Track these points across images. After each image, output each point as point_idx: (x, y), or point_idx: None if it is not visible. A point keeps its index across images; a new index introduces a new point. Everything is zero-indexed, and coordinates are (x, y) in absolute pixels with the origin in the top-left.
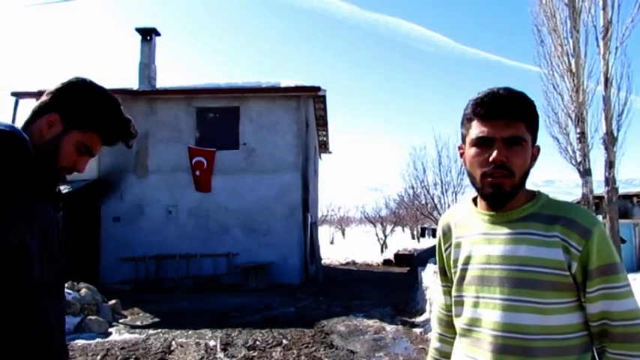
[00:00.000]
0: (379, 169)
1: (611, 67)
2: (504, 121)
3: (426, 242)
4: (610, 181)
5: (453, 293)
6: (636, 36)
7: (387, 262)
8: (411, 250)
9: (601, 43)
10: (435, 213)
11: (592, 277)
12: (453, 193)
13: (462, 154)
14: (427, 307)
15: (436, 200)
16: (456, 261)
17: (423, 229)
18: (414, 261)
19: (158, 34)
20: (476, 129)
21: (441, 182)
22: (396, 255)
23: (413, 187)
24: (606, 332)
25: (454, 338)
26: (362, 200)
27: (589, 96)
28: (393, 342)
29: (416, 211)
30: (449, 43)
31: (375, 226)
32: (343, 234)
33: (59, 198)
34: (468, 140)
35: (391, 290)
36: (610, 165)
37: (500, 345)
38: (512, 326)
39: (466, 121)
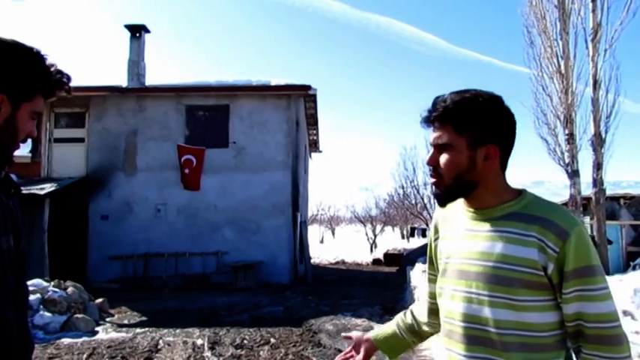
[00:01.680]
0: (370, 169)
1: (600, 70)
2: (433, 128)
3: (416, 242)
4: (598, 183)
5: (437, 285)
6: (625, 39)
7: (376, 261)
8: (401, 250)
9: (590, 46)
10: (425, 213)
11: (568, 278)
12: None
13: None
14: None
15: (426, 200)
16: (441, 253)
17: (413, 229)
18: (403, 261)
19: (147, 31)
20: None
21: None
22: (386, 254)
23: (403, 187)
24: (581, 333)
25: (437, 325)
26: (352, 200)
27: (578, 98)
28: None
29: (406, 210)
30: (441, 44)
31: (365, 225)
32: (333, 233)
33: (10, 184)
34: None
35: (380, 289)
36: (598, 166)
37: (471, 336)
38: (486, 320)
39: None
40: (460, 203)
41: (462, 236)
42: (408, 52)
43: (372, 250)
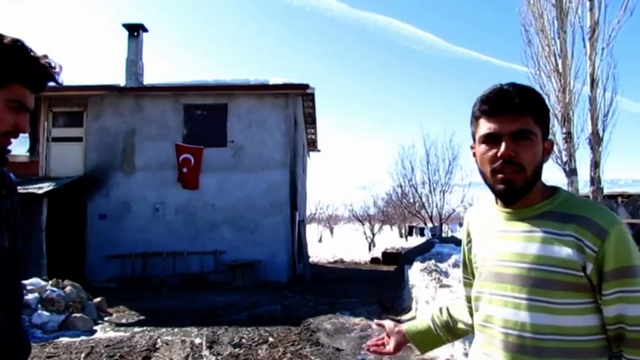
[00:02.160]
0: (368, 168)
1: (598, 68)
2: (510, 116)
3: (414, 241)
4: (595, 181)
5: (473, 289)
6: (622, 37)
7: (374, 260)
8: (399, 249)
9: (587, 44)
10: (423, 211)
11: (608, 279)
12: (440, 191)
13: (474, 154)
14: (413, 305)
15: (424, 199)
16: (476, 256)
17: (411, 228)
18: (401, 259)
19: (145, 30)
20: (483, 126)
21: (429, 181)
22: (384, 253)
23: (401, 186)
24: (622, 337)
25: (457, 322)
26: (351, 199)
27: (575, 96)
28: None
29: (404, 209)
30: (439, 43)
31: (363, 224)
32: (332, 232)
33: (2, 184)
34: (477, 138)
35: (378, 288)
36: (595, 165)
37: (511, 343)
38: (523, 325)
39: (474, 120)
40: (490, 203)
41: (496, 237)
42: (406, 51)
43: (370, 249)
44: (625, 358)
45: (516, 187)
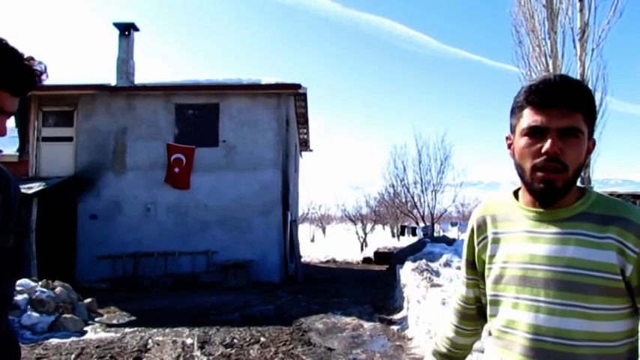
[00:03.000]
0: (361, 168)
1: (588, 69)
2: (560, 111)
3: (406, 240)
4: (585, 181)
5: (489, 292)
6: (612, 38)
7: (366, 260)
8: (391, 249)
9: (578, 45)
10: (415, 211)
11: None
12: (432, 191)
13: (509, 145)
14: (405, 304)
15: (416, 199)
16: (492, 257)
17: (403, 227)
18: (393, 259)
19: (137, 30)
20: (528, 117)
21: (421, 181)
22: (376, 253)
23: (393, 186)
24: None
25: (470, 331)
26: (343, 198)
27: None
28: (371, 339)
29: (396, 209)
30: (431, 43)
31: (355, 224)
32: (324, 232)
33: None
34: (518, 130)
35: (370, 288)
36: (586, 165)
37: (541, 350)
38: (556, 331)
39: (517, 110)
40: (510, 200)
41: (521, 238)
42: (399, 51)
43: (362, 249)
44: None
45: (556, 188)
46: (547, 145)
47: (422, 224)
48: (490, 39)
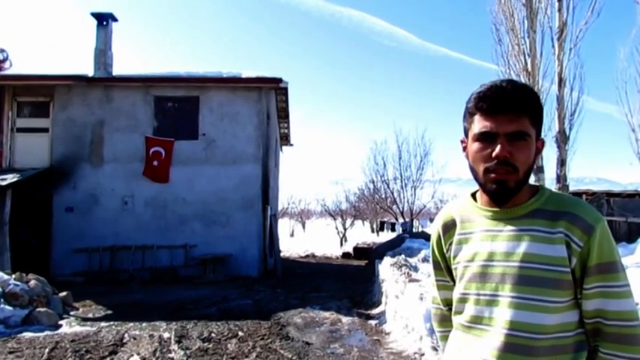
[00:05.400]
0: (340, 163)
1: (565, 68)
2: (507, 116)
3: (385, 236)
4: (562, 179)
5: (456, 290)
6: (589, 38)
7: (346, 255)
8: (370, 244)
9: (556, 44)
10: (394, 207)
11: (590, 273)
12: (412, 187)
13: (464, 148)
14: (383, 299)
15: (395, 194)
16: (458, 257)
17: (382, 223)
18: (372, 254)
19: (115, 20)
20: (479, 123)
21: (401, 177)
22: (355, 248)
23: (373, 181)
24: (600, 331)
25: None
26: (323, 193)
27: (544, 95)
28: (349, 333)
29: (376, 204)
30: (412, 39)
31: (335, 219)
32: (304, 227)
33: None
34: (470, 135)
35: (349, 283)
36: (562, 163)
37: (502, 343)
38: (515, 324)
39: (468, 115)
40: (469, 203)
41: (480, 237)
42: (380, 47)
43: (342, 244)
44: (601, 352)
45: (508, 188)
46: (497, 150)
47: (401, 220)
48: (471, 37)
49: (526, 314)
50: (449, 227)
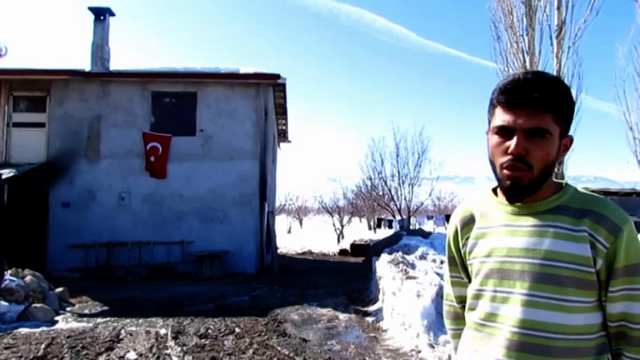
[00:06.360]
0: (338, 160)
1: (564, 66)
2: (528, 111)
3: (382, 233)
4: (559, 177)
5: (472, 286)
6: (588, 37)
7: (343, 252)
8: (367, 241)
9: (555, 42)
10: (392, 204)
11: (617, 275)
12: (409, 185)
13: (488, 139)
14: (380, 296)
15: (393, 192)
16: (475, 253)
17: (380, 220)
18: (369, 251)
19: (112, 14)
20: (498, 117)
21: (399, 174)
22: (352, 245)
23: (371, 179)
24: (624, 334)
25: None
26: (320, 190)
27: None
28: (346, 330)
29: (373, 202)
30: (410, 37)
31: (332, 216)
32: (301, 223)
33: None
34: (491, 127)
35: (346, 280)
36: (559, 161)
37: (518, 342)
38: (532, 323)
39: (491, 107)
40: (489, 197)
41: (500, 232)
42: (378, 44)
43: (339, 241)
44: (625, 356)
45: (522, 186)
46: (512, 146)
47: (398, 217)
48: (470, 35)
49: (544, 313)
50: (467, 222)
